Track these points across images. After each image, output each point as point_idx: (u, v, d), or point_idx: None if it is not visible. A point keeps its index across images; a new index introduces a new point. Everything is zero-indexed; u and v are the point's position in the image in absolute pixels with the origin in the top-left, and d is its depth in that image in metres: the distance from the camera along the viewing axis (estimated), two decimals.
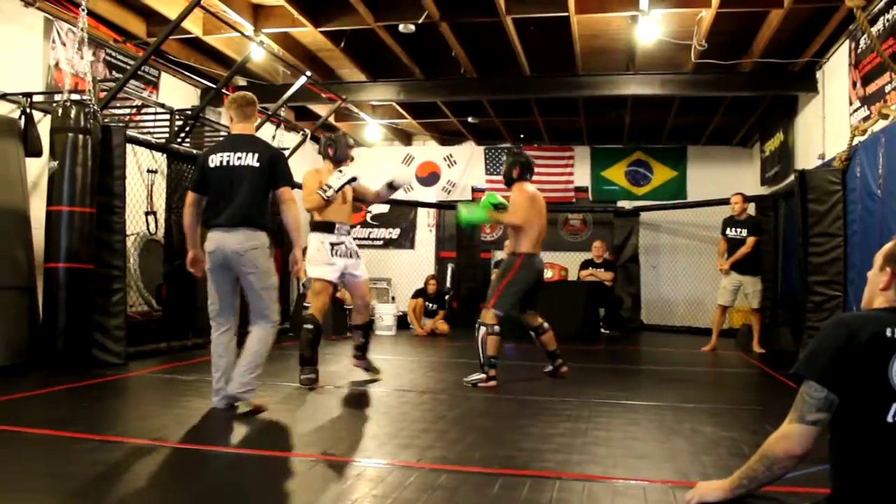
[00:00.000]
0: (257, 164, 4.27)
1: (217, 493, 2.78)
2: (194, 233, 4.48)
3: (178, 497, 2.71)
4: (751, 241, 8.29)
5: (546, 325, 6.02)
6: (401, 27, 7.66)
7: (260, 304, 4.35)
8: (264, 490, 2.88)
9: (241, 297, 4.45)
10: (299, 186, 5.49)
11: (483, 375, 5.58)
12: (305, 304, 8.92)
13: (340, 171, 5.50)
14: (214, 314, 4.40)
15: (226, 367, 4.33)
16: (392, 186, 5.80)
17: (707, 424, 4.25)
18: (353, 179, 5.51)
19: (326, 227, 5.49)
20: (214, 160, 4.32)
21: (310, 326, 5.38)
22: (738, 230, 8.41)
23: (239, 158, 4.28)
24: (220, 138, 6.96)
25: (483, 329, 5.66)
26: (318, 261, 5.43)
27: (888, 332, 1.78)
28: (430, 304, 10.43)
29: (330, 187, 5.40)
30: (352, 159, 5.81)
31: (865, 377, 1.77)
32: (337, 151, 5.62)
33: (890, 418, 1.75)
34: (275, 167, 4.34)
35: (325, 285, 5.47)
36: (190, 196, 4.45)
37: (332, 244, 5.47)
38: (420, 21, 7.31)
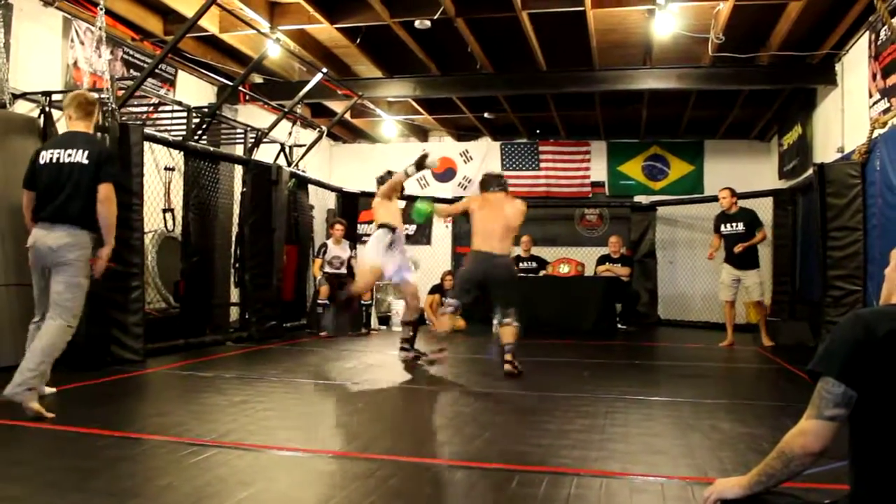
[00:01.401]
0: (86, 162, 4.20)
1: (233, 490, 2.79)
2: None
3: (195, 493, 2.73)
4: (760, 234, 8.28)
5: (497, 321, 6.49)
6: (416, 23, 7.66)
7: (60, 298, 4.13)
8: (279, 487, 2.90)
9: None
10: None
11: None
12: (318, 302, 9.03)
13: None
14: (36, 306, 4.30)
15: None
16: (419, 165, 6.43)
17: (725, 420, 4.23)
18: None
19: (388, 227, 6.55)
20: (45, 157, 4.27)
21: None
22: (733, 225, 8.36)
23: (69, 156, 4.21)
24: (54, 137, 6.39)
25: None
26: (375, 252, 6.55)
27: None
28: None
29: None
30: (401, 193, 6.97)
31: (883, 373, 1.75)
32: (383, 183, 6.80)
33: None
34: (101, 165, 4.23)
35: (376, 271, 6.65)
36: (25, 195, 4.36)
37: (390, 242, 6.54)
38: (436, 17, 7.30)
